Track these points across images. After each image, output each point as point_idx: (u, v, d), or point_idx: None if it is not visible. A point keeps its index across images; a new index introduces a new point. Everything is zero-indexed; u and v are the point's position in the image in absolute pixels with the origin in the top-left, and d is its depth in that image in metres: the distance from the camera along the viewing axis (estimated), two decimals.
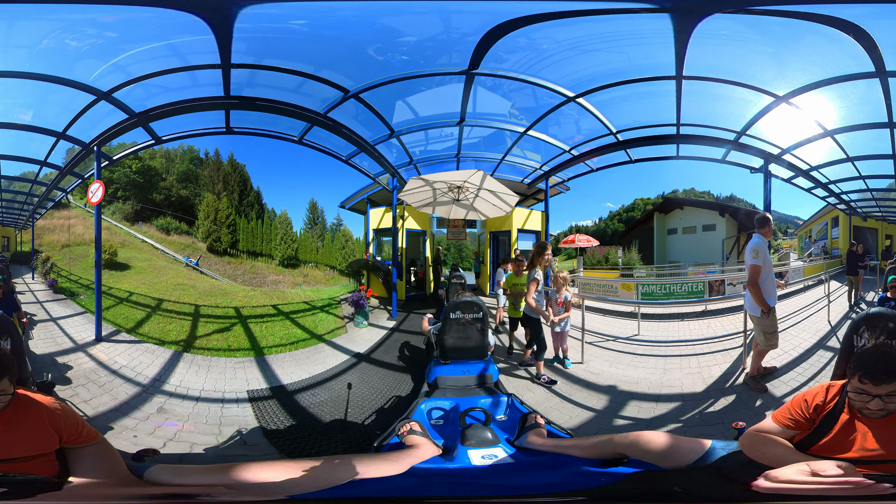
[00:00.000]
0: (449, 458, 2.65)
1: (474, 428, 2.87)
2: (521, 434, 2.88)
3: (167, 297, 6.87)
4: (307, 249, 8.30)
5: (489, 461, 2.61)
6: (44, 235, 7.20)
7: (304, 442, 4.13)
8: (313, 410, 4.68)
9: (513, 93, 5.65)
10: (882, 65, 4.12)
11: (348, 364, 5.82)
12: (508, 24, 4.04)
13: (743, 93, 5.01)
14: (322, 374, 5.48)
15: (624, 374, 5.05)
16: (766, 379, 4.38)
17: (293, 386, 5.16)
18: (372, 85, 5.01)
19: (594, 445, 2.47)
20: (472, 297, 4.55)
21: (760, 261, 4.12)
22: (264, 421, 4.42)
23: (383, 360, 5.99)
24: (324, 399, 4.92)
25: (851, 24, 3.77)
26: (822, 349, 4.79)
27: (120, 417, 4.13)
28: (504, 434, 2.99)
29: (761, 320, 4.19)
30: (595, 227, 8.26)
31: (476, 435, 2.80)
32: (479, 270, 9.07)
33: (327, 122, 5.55)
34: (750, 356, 4.58)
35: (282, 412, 4.62)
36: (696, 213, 7.85)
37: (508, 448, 2.78)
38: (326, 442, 4.12)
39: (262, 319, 6.77)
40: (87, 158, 5.99)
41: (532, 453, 2.71)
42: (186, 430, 4.12)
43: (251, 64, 4.68)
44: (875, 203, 6.68)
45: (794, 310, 5.81)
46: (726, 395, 4.33)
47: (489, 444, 2.75)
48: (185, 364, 5.34)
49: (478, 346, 4.47)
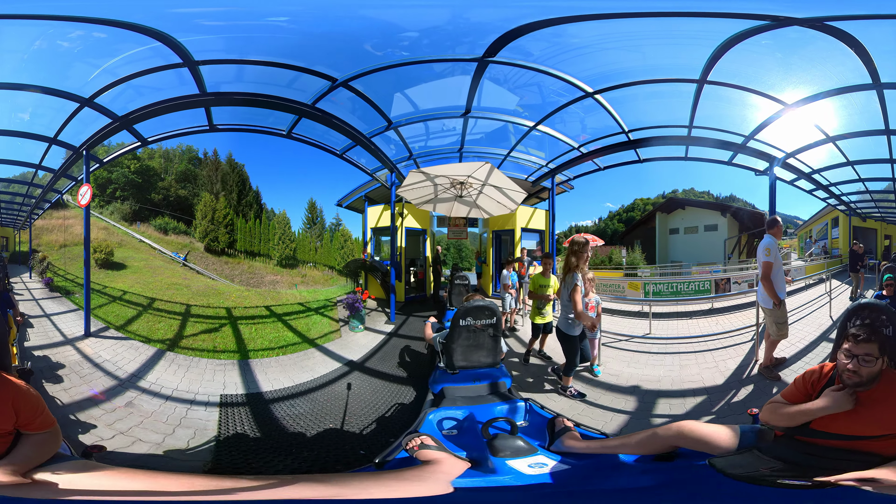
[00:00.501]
0: (485, 469, 2.47)
1: (502, 438, 2.72)
2: (554, 439, 2.80)
3: (160, 296, 6.82)
4: (305, 249, 8.23)
5: (540, 470, 2.47)
6: (42, 235, 7.21)
7: (255, 457, 3.87)
8: (285, 423, 4.37)
9: (519, 89, 5.62)
10: (877, 76, 4.43)
11: (339, 373, 5.51)
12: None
13: (752, 98, 5.15)
14: (307, 384, 5.19)
15: (644, 374, 5.06)
16: (778, 368, 4.69)
17: (272, 394, 4.92)
18: (363, 72, 4.85)
19: (641, 442, 2.48)
20: (484, 300, 4.18)
21: (772, 258, 4.54)
22: (224, 428, 4.21)
23: (378, 368, 5.64)
24: (303, 411, 4.58)
25: (849, 36, 3.94)
26: (825, 341, 5.07)
27: (91, 407, 4.24)
28: (533, 441, 2.85)
29: (773, 312, 4.57)
30: (595, 227, 8.21)
31: (508, 445, 2.66)
32: (480, 271, 8.98)
33: (315, 112, 5.39)
34: (762, 347, 4.88)
35: (249, 421, 4.41)
36: (698, 213, 7.84)
37: (549, 454, 2.66)
38: (281, 459, 3.80)
39: (253, 321, 6.61)
40: (79, 161, 6.04)
41: (573, 457, 2.62)
42: (99, 399, 4.14)
43: (216, 59, 4.66)
44: (874, 204, 6.84)
45: (797, 306, 5.92)
46: (745, 385, 4.54)
47: (525, 452, 2.63)
48: (166, 362, 5.35)
49: (490, 355, 4.14)
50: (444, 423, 3.40)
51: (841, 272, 6.78)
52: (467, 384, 3.95)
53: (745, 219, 7.54)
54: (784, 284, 4.67)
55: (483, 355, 4.14)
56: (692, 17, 4.02)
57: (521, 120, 6.17)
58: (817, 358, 4.78)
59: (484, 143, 6.94)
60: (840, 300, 6.17)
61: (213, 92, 5.02)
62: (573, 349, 4.51)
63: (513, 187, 6.17)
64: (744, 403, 4.25)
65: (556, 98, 5.60)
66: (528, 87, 5.51)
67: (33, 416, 2.26)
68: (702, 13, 3.97)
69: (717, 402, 4.34)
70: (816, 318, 5.76)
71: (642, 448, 2.46)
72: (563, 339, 4.54)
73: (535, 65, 4.90)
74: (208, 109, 5.52)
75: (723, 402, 4.31)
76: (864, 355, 2.23)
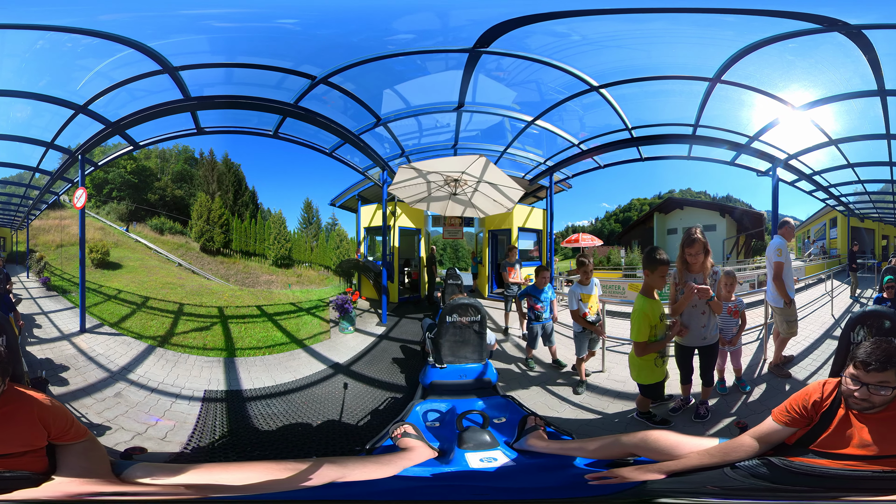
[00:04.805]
0: (445, 461, 2.60)
1: (472, 431, 2.82)
2: (520, 436, 2.85)
3: (154, 295, 6.87)
4: (301, 249, 8.23)
5: (487, 464, 2.56)
6: (39, 236, 7.32)
7: (220, 454, 3.92)
8: (256, 422, 4.41)
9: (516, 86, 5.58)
10: (882, 82, 4.49)
11: (322, 375, 5.45)
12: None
13: (758, 99, 5.16)
14: (288, 384, 5.19)
15: None
16: (788, 366, 4.74)
17: (250, 392, 4.96)
18: (342, 67, 4.82)
19: (600, 447, 2.45)
20: (468, 299, 4.51)
21: (783, 258, 4.64)
22: (201, 423, 4.29)
23: (364, 372, 5.53)
24: (277, 412, 4.61)
25: (861, 35, 3.93)
26: (829, 339, 5.21)
27: (84, 397, 4.42)
28: (503, 437, 2.94)
29: (783, 310, 4.66)
30: (592, 227, 8.15)
31: (473, 438, 2.76)
32: (476, 271, 8.92)
33: (298, 111, 5.42)
34: (770, 345, 4.96)
35: (223, 417, 4.46)
36: (697, 213, 7.79)
37: (508, 451, 2.73)
38: (237, 457, 3.84)
39: (244, 320, 6.64)
40: (74, 165, 6.14)
41: (533, 456, 2.66)
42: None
43: (197, 64, 4.71)
44: (872, 205, 6.86)
45: (799, 305, 5.74)
46: (757, 384, 4.50)
47: (487, 446, 2.71)
48: (155, 357, 5.48)
49: (475, 350, 4.42)
50: (429, 415, 3.56)
51: (841, 272, 6.77)
52: (453, 379, 4.16)
53: (743, 219, 7.50)
54: (793, 283, 4.78)
55: (469, 351, 4.43)
56: (730, 13, 3.98)
57: (519, 114, 6.08)
58: (822, 355, 4.84)
59: (479, 140, 6.87)
60: (840, 299, 6.22)
61: (197, 96, 5.12)
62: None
63: (509, 184, 5.96)
64: (760, 402, 4.19)
65: (554, 96, 5.57)
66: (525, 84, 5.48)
67: (65, 428, 2.21)
68: (742, 10, 3.91)
69: (733, 403, 4.20)
70: (819, 317, 5.85)
71: (599, 453, 2.42)
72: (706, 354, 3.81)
73: (539, 56, 4.82)
74: (194, 113, 5.58)
75: (739, 403, 4.19)
76: (876, 384, 2.05)
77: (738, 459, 2.20)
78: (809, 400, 2.24)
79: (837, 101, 4.98)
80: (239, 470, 2.14)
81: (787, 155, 5.97)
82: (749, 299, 5.82)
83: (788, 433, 2.28)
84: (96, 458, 2.23)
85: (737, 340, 4.27)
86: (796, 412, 2.26)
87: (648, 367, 3.57)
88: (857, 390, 2.08)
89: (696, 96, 5.29)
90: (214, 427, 4.24)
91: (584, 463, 2.43)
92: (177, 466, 2.21)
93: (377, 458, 2.47)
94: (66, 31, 4.20)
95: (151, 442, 3.88)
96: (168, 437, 3.99)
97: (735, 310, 4.23)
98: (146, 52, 4.41)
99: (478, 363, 4.39)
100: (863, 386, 2.06)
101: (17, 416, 2.11)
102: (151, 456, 3.46)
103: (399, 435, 2.73)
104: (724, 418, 3.94)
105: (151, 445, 3.81)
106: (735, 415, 3.99)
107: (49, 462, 2.17)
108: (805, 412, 2.24)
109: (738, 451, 2.24)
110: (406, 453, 2.52)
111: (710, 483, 2.09)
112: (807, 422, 2.24)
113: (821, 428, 2.21)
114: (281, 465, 2.16)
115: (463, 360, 4.38)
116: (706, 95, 5.19)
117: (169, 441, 3.94)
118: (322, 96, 5.29)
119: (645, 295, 3.50)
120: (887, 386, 2.04)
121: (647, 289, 3.52)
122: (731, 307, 4.20)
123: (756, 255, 7.45)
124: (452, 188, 6.12)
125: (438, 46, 4.56)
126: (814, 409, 2.22)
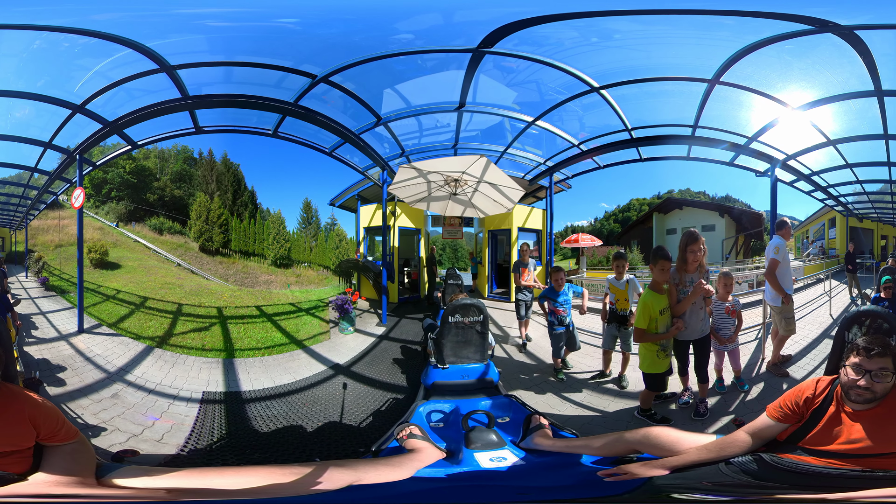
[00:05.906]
0: (454, 461, 2.62)
1: (478, 431, 2.85)
2: (525, 435, 2.87)
3: (153, 295, 6.84)
4: (300, 249, 8.22)
5: (498, 463, 2.59)
6: (38, 236, 7.28)
7: (217, 457, 3.88)
8: (255, 424, 4.39)
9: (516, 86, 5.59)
10: (879, 82, 4.49)
11: (322, 376, 5.40)
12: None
13: (756, 100, 5.18)
14: (288, 386, 5.14)
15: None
16: (786, 365, 4.77)
17: (249, 394, 4.92)
18: (342, 66, 4.82)
19: (605, 444, 2.48)
20: (470, 299, 4.49)
21: (780, 257, 4.66)
22: (199, 424, 4.26)
23: (364, 373, 5.50)
24: (276, 413, 4.58)
25: (854, 36, 3.95)
26: (826, 338, 5.17)
27: (80, 397, 4.39)
28: (508, 436, 2.96)
29: (781, 308, 4.67)
30: (591, 227, 8.16)
31: (480, 437, 2.78)
32: (476, 271, 8.92)
33: (298, 110, 5.40)
34: (768, 345, 4.97)
35: (222, 419, 4.42)
36: (696, 213, 7.82)
37: (515, 450, 2.75)
38: (236, 460, 3.80)
39: (243, 320, 6.61)
40: (73, 164, 6.12)
41: (540, 454, 2.68)
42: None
43: (195, 63, 4.69)
44: (871, 205, 6.91)
45: (798, 305, 5.78)
46: (755, 383, 4.52)
47: (494, 446, 2.73)
48: (153, 358, 5.44)
49: (478, 350, 4.42)
50: (433, 416, 3.58)
51: (839, 272, 6.80)
52: (456, 379, 4.16)
53: (742, 219, 7.51)
54: (791, 282, 4.81)
55: (471, 351, 4.42)
56: (730, 15, 4.00)
57: (519, 115, 6.08)
58: (821, 354, 4.84)
59: (480, 140, 6.87)
60: (839, 299, 6.24)
61: (195, 95, 5.09)
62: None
63: (509, 184, 5.96)
64: (759, 401, 4.22)
65: (554, 96, 5.58)
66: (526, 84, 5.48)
67: (55, 429, 2.16)
68: (740, 12, 3.94)
69: (731, 401, 4.24)
70: (817, 317, 5.88)
71: (604, 450, 2.45)
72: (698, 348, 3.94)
73: (532, 54, 4.82)
74: (193, 112, 5.55)
75: (738, 402, 4.24)
76: (878, 370, 2.07)
77: (733, 455, 2.23)
78: (802, 396, 2.27)
79: (835, 101, 5.00)
80: (236, 474, 2.09)
81: (785, 155, 6.00)
82: (748, 299, 5.92)
83: (781, 429, 2.31)
84: (83, 459, 2.17)
85: (734, 339, 4.35)
86: (789, 408, 2.29)
87: (651, 356, 3.79)
88: (860, 379, 2.09)
89: (696, 97, 5.33)
90: (212, 429, 4.22)
91: (591, 460, 2.46)
92: (165, 470, 2.16)
93: (387, 459, 2.46)
94: (62, 31, 4.19)
95: (147, 444, 3.83)
96: (164, 438, 3.96)
97: (732, 309, 4.31)
98: (143, 51, 4.40)
99: (480, 363, 4.40)
100: (866, 373, 2.08)
101: (7, 414, 2.06)
102: (144, 459, 3.44)
103: (405, 436, 2.73)
104: (722, 416, 4.00)
105: (147, 447, 3.77)
106: (733, 413, 4.03)
107: (33, 464, 2.12)
108: (797, 409, 2.27)
109: (732, 447, 2.28)
110: (415, 454, 2.53)
111: (705, 479, 2.11)
112: (798, 418, 2.27)
113: (810, 425, 2.24)
114: (282, 469, 2.12)
115: (465, 361, 4.38)
116: (705, 96, 5.23)
117: (165, 443, 3.91)
118: (322, 95, 5.28)
119: (651, 289, 3.81)
120: (888, 372, 2.07)
121: (653, 283, 3.82)
122: (728, 307, 4.29)
123: (755, 255, 7.47)
124: (452, 188, 6.13)
125: (442, 46, 4.57)
126: (805, 406, 2.25)
